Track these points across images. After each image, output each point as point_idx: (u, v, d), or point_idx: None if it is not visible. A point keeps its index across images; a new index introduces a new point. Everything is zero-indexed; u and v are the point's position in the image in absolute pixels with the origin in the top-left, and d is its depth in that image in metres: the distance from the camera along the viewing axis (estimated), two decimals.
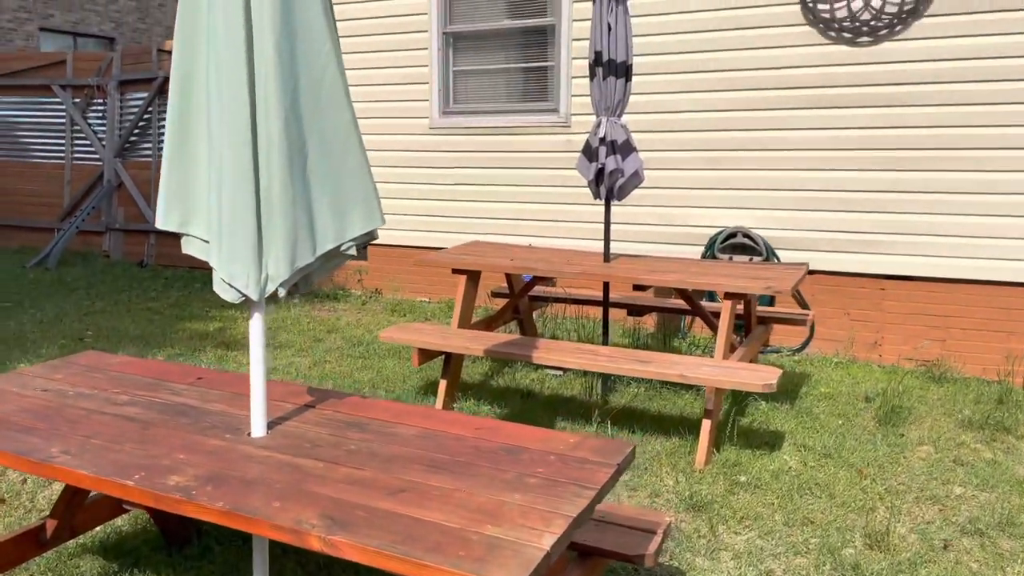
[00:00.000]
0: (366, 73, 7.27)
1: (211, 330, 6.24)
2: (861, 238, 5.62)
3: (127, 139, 9.19)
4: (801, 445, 4.06)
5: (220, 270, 2.17)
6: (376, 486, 1.95)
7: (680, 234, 6.16)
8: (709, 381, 3.68)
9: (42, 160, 9.84)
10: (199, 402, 2.51)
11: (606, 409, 4.52)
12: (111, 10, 16.27)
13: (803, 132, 5.71)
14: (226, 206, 2.13)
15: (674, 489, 3.56)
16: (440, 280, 7.22)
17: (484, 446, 2.21)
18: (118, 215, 9.33)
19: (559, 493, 1.93)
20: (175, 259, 8.80)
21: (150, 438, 2.21)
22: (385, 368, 5.29)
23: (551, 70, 6.59)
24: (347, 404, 2.52)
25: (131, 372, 2.79)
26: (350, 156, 2.21)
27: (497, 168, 6.82)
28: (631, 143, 4.40)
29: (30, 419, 2.32)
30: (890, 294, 5.62)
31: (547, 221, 6.66)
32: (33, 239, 9.88)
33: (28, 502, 3.43)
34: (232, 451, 2.14)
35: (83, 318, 6.56)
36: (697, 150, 6.04)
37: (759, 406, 4.63)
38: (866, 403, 4.72)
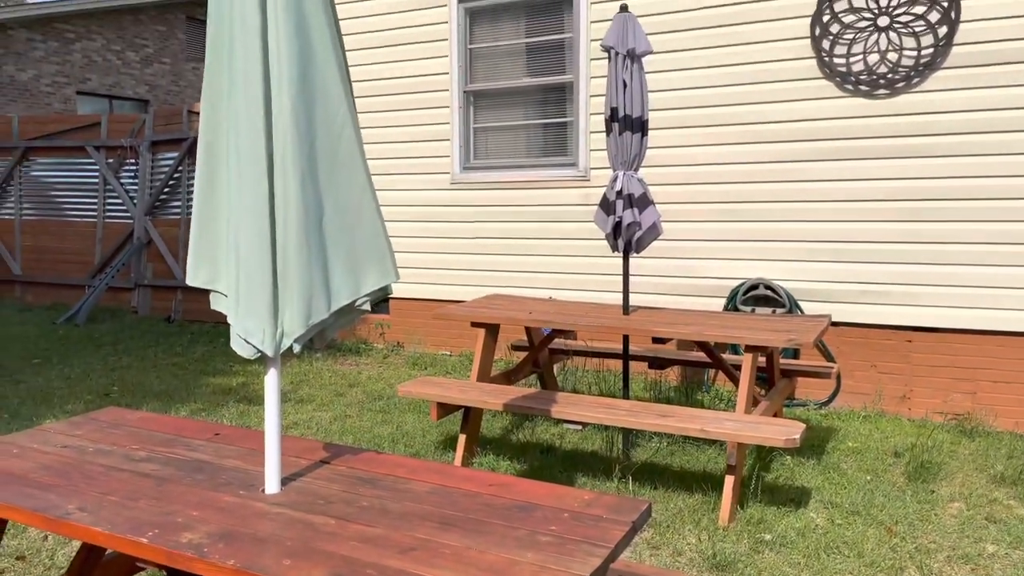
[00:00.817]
0: (390, 131, 7.43)
1: (234, 385, 6.28)
2: (884, 289, 5.56)
3: (157, 197, 9.42)
4: (828, 502, 3.96)
5: (237, 326, 2.20)
6: (387, 544, 1.94)
7: (702, 286, 6.15)
8: (731, 436, 3.62)
9: (76, 219, 10.10)
10: (215, 458, 2.51)
11: (627, 464, 4.46)
12: (146, 74, 16.84)
13: (822, 183, 5.71)
14: (243, 263, 2.17)
15: (697, 547, 3.49)
16: (461, 333, 7.23)
17: (497, 503, 2.18)
18: (147, 271, 9.51)
19: (571, 552, 1.90)
20: (201, 314, 8.93)
21: (165, 495, 2.22)
22: (405, 422, 5.28)
23: (570, 125, 6.69)
24: (361, 460, 2.52)
25: (150, 428, 2.81)
26: (365, 214, 2.25)
27: (517, 222, 6.89)
28: (648, 196, 4.43)
29: (49, 476, 2.34)
30: (917, 346, 5.53)
31: (568, 274, 6.68)
32: (65, 296, 10.09)
33: (48, 559, 3.43)
34: (245, 508, 2.14)
35: (109, 373, 6.65)
36: (717, 202, 6.06)
37: (784, 461, 4.54)
38: (895, 458, 4.61)
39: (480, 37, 7.05)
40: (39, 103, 14.86)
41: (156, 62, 17.05)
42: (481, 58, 7.06)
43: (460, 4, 7.02)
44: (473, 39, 7.07)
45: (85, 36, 15.58)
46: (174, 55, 17.40)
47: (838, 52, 5.62)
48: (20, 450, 2.56)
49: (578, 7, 6.52)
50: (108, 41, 16.03)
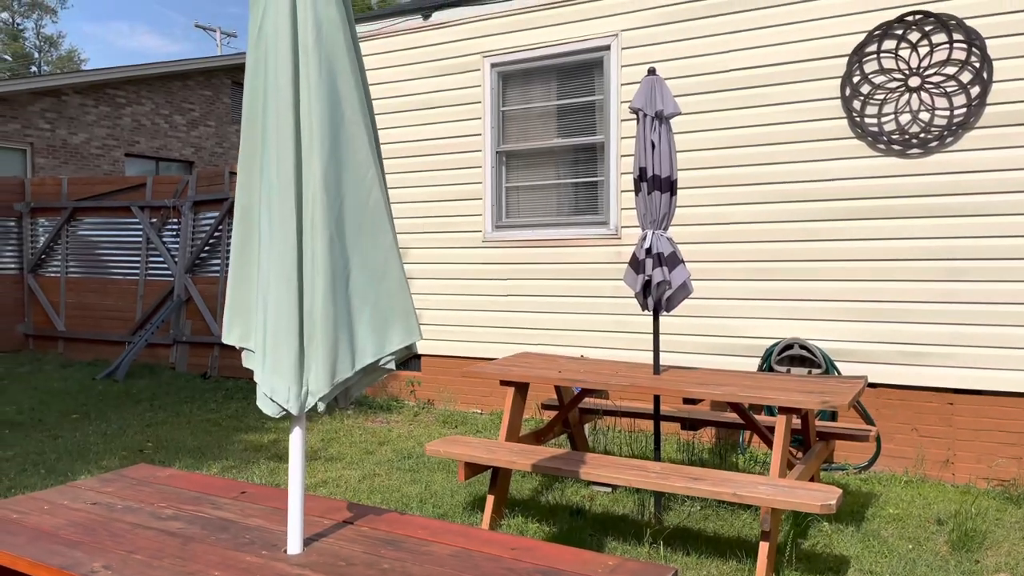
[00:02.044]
0: (424, 190, 7.56)
1: (265, 442, 6.31)
2: (924, 350, 5.45)
3: (197, 256, 9.64)
4: (868, 571, 3.82)
5: (263, 384, 2.23)
6: None
7: (736, 345, 6.08)
8: (764, 501, 3.53)
9: (119, 276, 10.37)
10: (240, 517, 2.52)
11: (659, 529, 4.36)
12: (192, 136, 17.42)
13: (857, 242, 5.66)
14: (271, 322, 2.21)
15: None
16: (492, 391, 7.21)
17: (519, 567, 2.15)
18: (185, 328, 9.68)
19: None
20: (236, 371, 9.03)
21: (189, 554, 2.22)
22: (434, 482, 5.24)
23: (601, 184, 6.74)
24: (384, 521, 2.50)
25: (178, 486, 2.83)
26: (390, 274, 2.28)
27: (548, 279, 6.91)
28: (677, 255, 4.43)
29: (77, 533, 2.36)
30: (959, 408, 5.38)
31: (599, 332, 6.65)
32: (106, 352, 10.29)
33: None
34: (266, 569, 2.13)
35: (145, 430, 6.72)
36: (750, 261, 6.03)
37: (821, 527, 4.40)
38: (938, 526, 4.45)
39: (512, 99, 7.19)
40: (89, 165, 15.41)
41: (202, 125, 17.65)
42: (513, 119, 7.20)
43: (493, 68, 7.20)
44: (506, 101, 7.22)
45: (135, 101, 16.21)
46: (219, 118, 18.00)
47: (869, 112, 5.63)
48: (50, 506, 2.59)
49: (609, 70, 6.64)
50: (157, 105, 16.65)
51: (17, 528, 2.39)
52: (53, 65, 43.26)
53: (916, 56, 5.49)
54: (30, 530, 2.38)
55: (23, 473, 5.40)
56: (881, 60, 5.59)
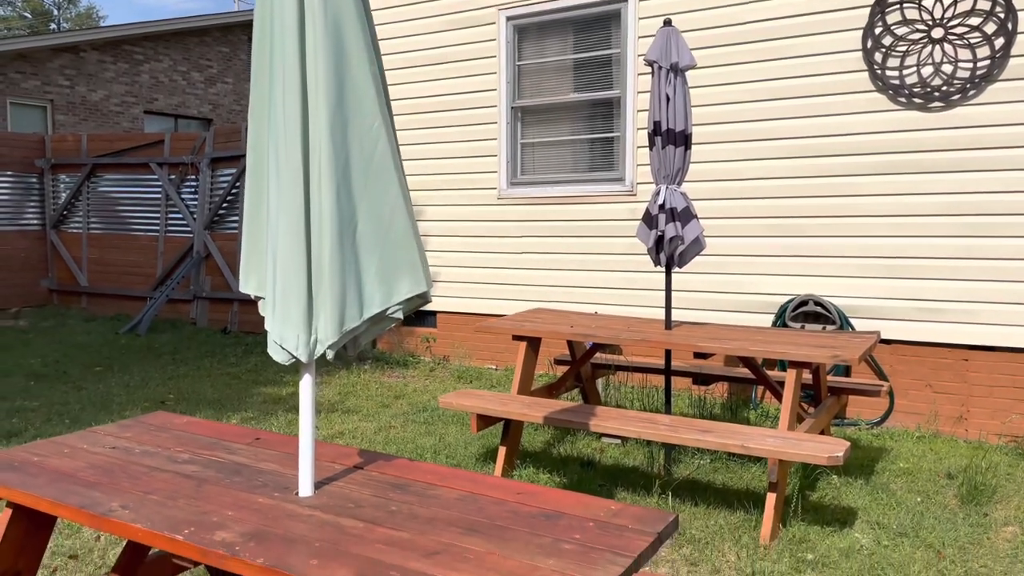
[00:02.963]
0: (438, 147, 7.54)
1: (284, 395, 6.42)
2: (940, 306, 5.41)
3: (216, 212, 9.71)
4: (875, 523, 3.86)
5: (273, 332, 2.27)
6: (412, 547, 1.97)
7: (750, 302, 6.07)
8: (772, 452, 3.56)
9: (139, 233, 10.48)
10: (253, 461, 2.59)
11: (668, 480, 4.42)
12: (210, 93, 17.40)
13: (875, 198, 5.60)
14: (280, 272, 2.24)
15: (736, 565, 3.43)
16: (506, 347, 7.26)
17: (523, 511, 2.20)
18: (205, 284, 9.79)
19: (593, 560, 1.90)
20: (256, 326, 9.15)
21: (203, 495, 2.29)
22: (448, 434, 5.32)
23: (617, 140, 6.69)
24: (394, 466, 2.56)
25: (194, 432, 2.91)
26: (397, 225, 2.30)
27: (563, 237, 6.91)
28: (691, 210, 4.41)
29: (96, 475, 2.44)
30: (974, 365, 5.36)
31: (614, 289, 6.66)
32: (127, 307, 10.45)
33: (99, 559, 3.55)
34: (278, 509, 2.19)
35: (167, 382, 6.86)
36: (766, 217, 5.99)
37: (830, 480, 4.44)
38: (948, 480, 4.47)
39: (528, 53, 7.12)
40: (108, 122, 15.47)
41: (220, 82, 17.62)
42: (529, 74, 7.13)
43: (509, 21, 7.11)
44: (521, 55, 7.14)
45: (153, 58, 16.19)
46: (237, 75, 17.95)
47: (891, 65, 5.52)
48: (71, 450, 2.67)
49: (625, 22, 6.54)
50: (174, 62, 16.62)
51: (38, 470, 2.47)
52: (71, 22, 43.20)
53: (940, 6, 5.36)
54: (50, 472, 2.46)
55: (48, 422, 5.55)
56: (904, 10, 5.47)
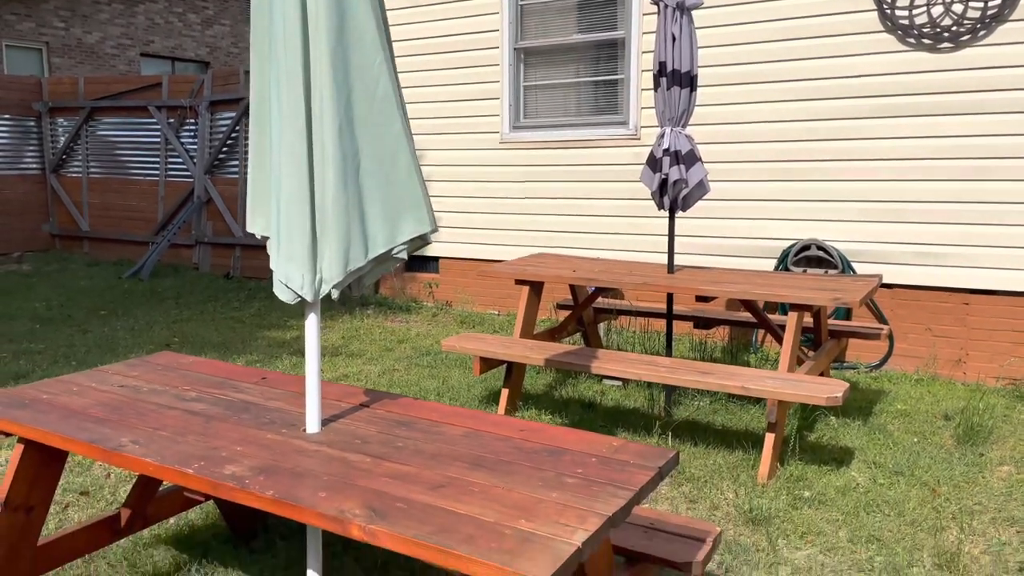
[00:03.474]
0: (440, 90, 7.44)
1: (288, 338, 6.47)
2: (942, 250, 5.41)
3: (216, 157, 9.64)
4: (872, 462, 3.92)
5: (278, 271, 2.28)
6: (418, 481, 2.01)
7: (752, 247, 6.06)
8: (771, 393, 3.60)
9: (139, 177, 10.42)
10: (260, 399, 2.62)
11: (668, 421, 4.48)
12: (207, 35, 17.12)
13: (881, 141, 5.55)
14: (283, 211, 2.24)
15: (734, 503, 3.50)
16: (509, 293, 7.29)
17: (527, 447, 2.23)
18: (207, 229, 9.78)
19: (596, 493, 1.94)
20: (259, 271, 9.16)
21: (212, 431, 2.33)
22: (451, 377, 5.38)
23: (621, 83, 6.60)
24: (399, 405, 2.59)
25: (200, 371, 2.94)
26: (401, 164, 2.29)
27: (566, 181, 6.86)
28: (695, 153, 4.38)
29: (104, 412, 2.48)
30: (974, 309, 5.38)
31: (617, 234, 6.65)
32: (129, 252, 10.45)
33: (110, 495, 3.63)
34: (286, 445, 2.23)
35: (171, 326, 6.90)
36: (770, 161, 5.94)
37: (828, 421, 4.50)
38: (945, 421, 4.53)
39: None
40: (104, 65, 15.26)
41: (216, 23, 17.31)
42: (532, 14, 7.00)
43: None
44: None
45: None
46: (234, 17, 17.63)
47: (900, 4, 5.41)
48: (79, 388, 2.71)
49: None
50: (170, 3, 16.31)
51: (48, 407, 2.51)
52: None
53: None
54: (60, 409, 2.49)
55: (54, 364, 5.60)
56: None
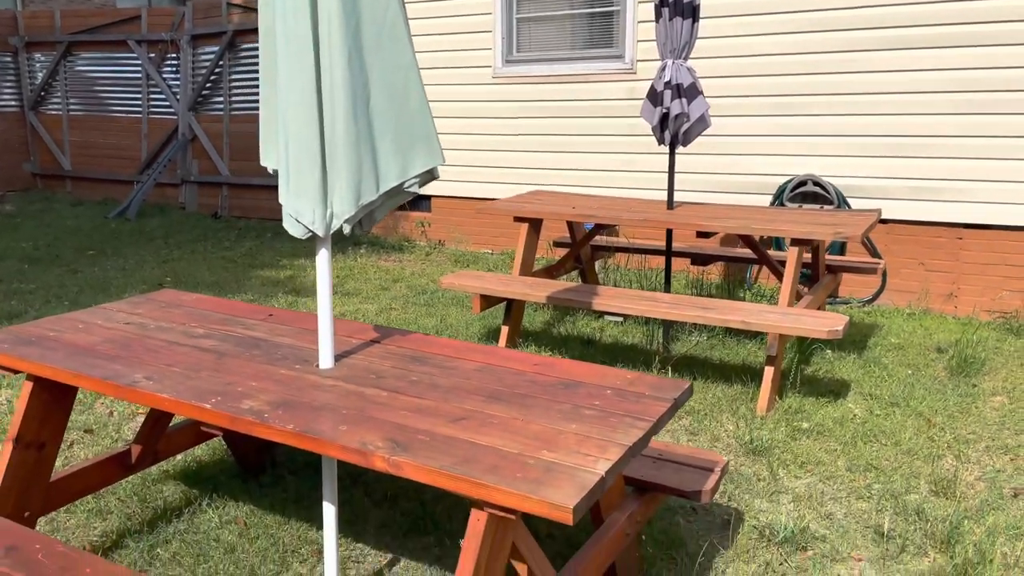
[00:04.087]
0: (431, 22, 7.26)
1: (282, 278, 6.43)
2: (938, 185, 5.41)
3: (200, 93, 9.42)
4: (867, 394, 3.99)
5: (288, 206, 2.24)
6: (437, 414, 2.02)
7: (748, 183, 6.04)
8: (772, 327, 3.63)
9: (121, 115, 10.18)
10: (269, 336, 2.61)
11: (667, 357, 4.52)
12: None
13: (880, 75, 5.49)
14: (292, 145, 2.19)
15: (734, 434, 3.56)
16: (503, 232, 7.26)
17: (542, 380, 2.25)
18: (193, 168, 9.62)
19: (614, 424, 1.96)
20: (247, 210, 9.05)
21: (225, 367, 2.32)
22: (449, 315, 5.38)
23: (616, 15, 6.46)
24: (410, 340, 2.59)
25: (206, 308, 2.92)
26: (411, 95, 2.23)
27: (561, 117, 6.77)
28: (697, 87, 4.32)
29: (114, 348, 2.46)
30: (968, 243, 5.41)
31: (612, 171, 6.60)
32: (114, 191, 10.29)
33: (114, 432, 3.64)
34: (301, 380, 2.23)
35: (162, 265, 6.84)
36: (768, 95, 5.88)
37: (824, 355, 4.56)
38: (938, 354, 4.60)
39: None
40: None
41: None
42: None
43: None
44: None
45: None
46: None
47: None
48: (84, 325, 2.68)
49: None
50: None
51: (55, 344, 2.49)
52: None
53: None
54: (67, 346, 2.47)
55: (47, 304, 5.55)
56: None
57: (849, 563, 2.66)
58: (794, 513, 2.94)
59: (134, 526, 2.88)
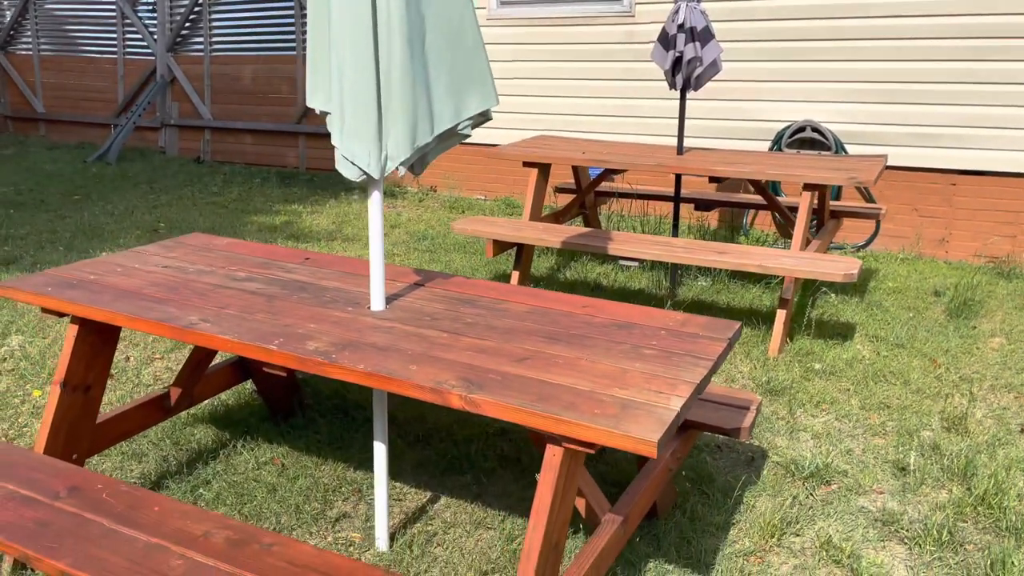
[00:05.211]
0: None
1: (278, 223, 6.37)
2: (936, 132, 5.50)
3: (178, 33, 9.14)
4: (873, 336, 4.11)
5: (342, 148, 2.22)
6: (501, 354, 2.06)
7: (745, 129, 6.07)
8: (789, 271, 3.71)
9: (95, 55, 9.86)
10: (313, 279, 2.62)
11: (676, 301, 4.59)
12: None
13: (880, 20, 5.51)
14: (348, 86, 2.17)
15: (750, 375, 3.66)
16: (497, 178, 7.23)
17: (595, 321, 2.29)
18: (172, 111, 9.38)
19: (676, 363, 2.02)
20: (230, 155, 8.88)
21: (277, 310, 2.33)
22: (453, 261, 5.40)
23: None
24: (454, 283, 2.62)
25: (241, 252, 2.90)
26: (467, 34, 2.21)
27: (557, 61, 6.71)
28: (710, 30, 4.30)
29: (161, 292, 2.45)
30: (961, 189, 5.53)
31: (607, 116, 6.58)
32: (90, 134, 10.02)
33: (135, 377, 3.64)
34: (357, 322, 2.25)
35: (152, 211, 6.72)
36: (765, 40, 5.88)
37: (828, 298, 4.67)
38: (935, 297, 4.73)
39: None
40: None
41: None
42: None
43: None
44: None
45: None
46: None
47: None
48: (123, 269, 2.66)
49: None
50: None
51: (99, 287, 2.47)
52: None
53: None
54: (112, 289, 2.46)
55: (42, 250, 5.45)
56: None
57: (871, 495, 2.79)
58: (815, 451, 3.05)
59: (172, 468, 2.91)
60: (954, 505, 2.71)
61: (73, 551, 1.86)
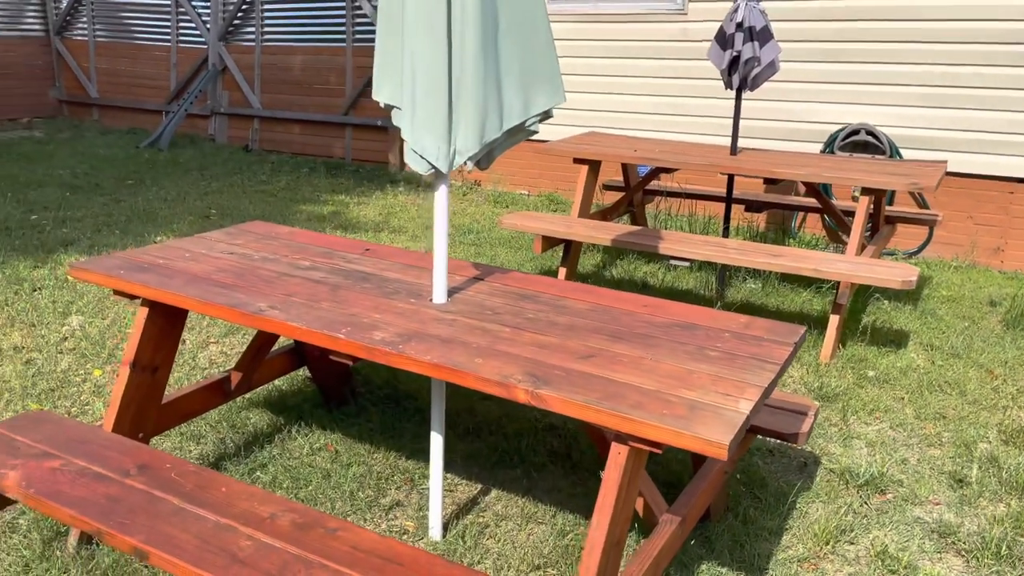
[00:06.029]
0: None
1: (326, 213, 6.44)
2: (992, 138, 5.38)
3: (230, 23, 9.27)
4: (927, 345, 4.05)
5: (412, 141, 2.25)
6: (564, 351, 2.06)
7: (797, 131, 6.00)
8: (845, 276, 3.67)
9: (148, 43, 10.04)
10: (375, 270, 2.65)
11: (724, 303, 4.56)
12: None
13: (936, 23, 5.41)
14: (420, 81, 2.19)
15: (802, 380, 3.63)
16: (542, 174, 7.23)
17: (657, 321, 2.29)
18: (223, 99, 9.53)
19: (742, 366, 2.01)
20: (278, 144, 9.00)
21: (342, 299, 2.36)
22: (498, 256, 5.41)
23: None
24: (512, 279, 2.63)
25: (302, 241, 2.95)
26: (539, 30, 2.22)
27: (607, 58, 6.69)
28: (769, 30, 4.26)
29: (229, 277, 2.50)
30: (1018, 198, 5.41)
31: (659, 114, 6.54)
32: (141, 120, 10.21)
33: (191, 360, 3.71)
34: (421, 314, 2.28)
35: (203, 197, 6.84)
36: (822, 41, 5.80)
37: (881, 305, 4.60)
38: (991, 307, 4.64)
39: None
40: None
41: None
42: None
43: None
44: None
45: None
46: None
47: None
48: (191, 254, 2.72)
49: None
50: None
51: (169, 272, 2.52)
52: None
53: None
54: (181, 273, 2.51)
55: (99, 233, 5.58)
56: None
57: (927, 506, 2.75)
58: (870, 459, 3.02)
59: (229, 450, 2.97)
60: (1013, 519, 2.66)
61: (145, 527, 1.91)
